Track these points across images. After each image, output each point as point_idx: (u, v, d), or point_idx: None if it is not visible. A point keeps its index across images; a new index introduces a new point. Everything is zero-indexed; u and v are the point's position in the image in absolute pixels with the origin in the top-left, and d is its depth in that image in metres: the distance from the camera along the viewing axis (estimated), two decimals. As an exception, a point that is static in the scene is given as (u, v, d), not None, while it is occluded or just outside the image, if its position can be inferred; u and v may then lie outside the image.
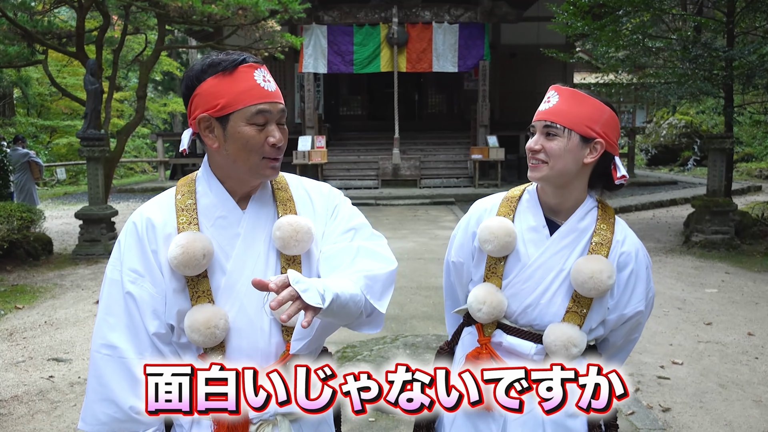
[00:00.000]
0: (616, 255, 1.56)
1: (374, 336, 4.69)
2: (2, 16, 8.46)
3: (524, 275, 1.59)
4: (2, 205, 7.51)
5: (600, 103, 1.53)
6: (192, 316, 1.34)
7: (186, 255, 1.32)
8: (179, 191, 1.45)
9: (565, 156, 1.51)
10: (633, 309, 1.58)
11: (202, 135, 1.38)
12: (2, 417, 3.60)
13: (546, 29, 12.23)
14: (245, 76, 1.34)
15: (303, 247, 1.41)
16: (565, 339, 1.52)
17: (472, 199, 10.28)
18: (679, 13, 10.96)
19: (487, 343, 1.63)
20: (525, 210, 1.65)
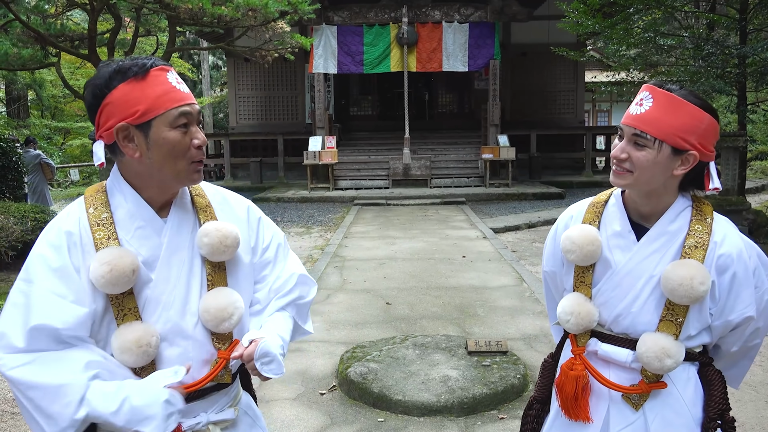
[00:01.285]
0: (714, 258, 1.45)
1: (384, 336, 4.70)
2: (16, 19, 8.55)
3: (612, 283, 1.52)
4: (16, 206, 7.58)
5: (699, 111, 1.41)
6: (121, 336, 1.28)
7: (114, 272, 1.25)
8: (90, 204, 1.35)
9: (652, 168, 1.42)
10: (740, 315, 1.47)
11: (120, 145, 1.30)
12: (15, 416, 3.64)
13: (557, 28, 12.16)
14: (159, 80, 1.30)
15: (230, 253, 1.39)
16: (657, 350, 1.43)
17: (483, 199, 10.32)
18: (691, 10, 10.86)
19: (581, 353, 1.57)
20: (611, 215, 1.57)
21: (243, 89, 19.25)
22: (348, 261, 7.70)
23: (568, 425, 1.60)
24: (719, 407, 1.49)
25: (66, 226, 1.31)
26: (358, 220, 11.29)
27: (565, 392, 1.57)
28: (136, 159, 1.30)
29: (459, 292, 6.10)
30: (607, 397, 1.55)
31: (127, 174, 1.36)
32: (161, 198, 1.38)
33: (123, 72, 1.28)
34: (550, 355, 1.76)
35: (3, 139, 9.19)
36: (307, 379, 4.01)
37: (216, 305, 1.35)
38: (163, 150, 1.29)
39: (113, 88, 1.27)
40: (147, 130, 1.28)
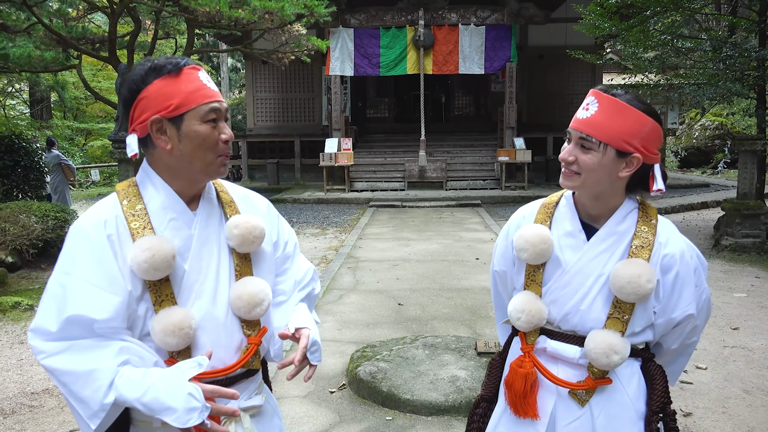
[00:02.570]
0: (659, 258, 1.51)
1: (394, 336, 4.73)
2: (39, 23, 8.73)
3: (562, 281, 1.56)
4: (38, 205, 7.74)
5: (641, 115, 1.46)
6: (163, 320, 1.33)
7: (157, 258, 1.31)
8: (123, 197, 1.41)
9: (598, 170, 1.47)
10: (682, 313, 1.53)
11: (153, 137, 1.37)
12: (34, 409, 3.73)
13: (574, 30, 12.11)
14: (191, 78, 1.37)
15: (257, 244, 1.47)
16: (605, 346, 1.48)
17: (499, 202, 10.29)
18: (711, 12, 10.77)
19: (530, 351, 1.60)
20: (562, 216, 1.62)
21: (261, 91, 19.40)
22: (362, 262, 7.75)
23: (515, 422, 1.63)
24: (661, 401, 1.54)
25: (102, 216, 1.37)
26: (373, 221, 11.34)
27: (514, 390, 1.60)
28: (167, 151, 1.37)
29: (471, 294, 6.12)
30: (555, 394, 1.58)
31: (158, 167, 1.42)
32: (190, 191, 1.44)
33: (158, 69, 1.36)
34: (498, 353, 1.79)
35: (26, 139, 9.40)
36: (318, 377, 4.06)
37: (249, 292, 1.41)
38: (194, 142, 1.36)
39: (149, 83, 1.35)
40: (179, 123, 1.35)
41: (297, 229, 10.56)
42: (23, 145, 9.08)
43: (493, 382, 1.75)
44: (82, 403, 1.27)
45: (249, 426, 1.44)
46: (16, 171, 8.93)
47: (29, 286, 6.70)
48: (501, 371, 1.73)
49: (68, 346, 1.28)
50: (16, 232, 6.61)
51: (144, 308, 1.35)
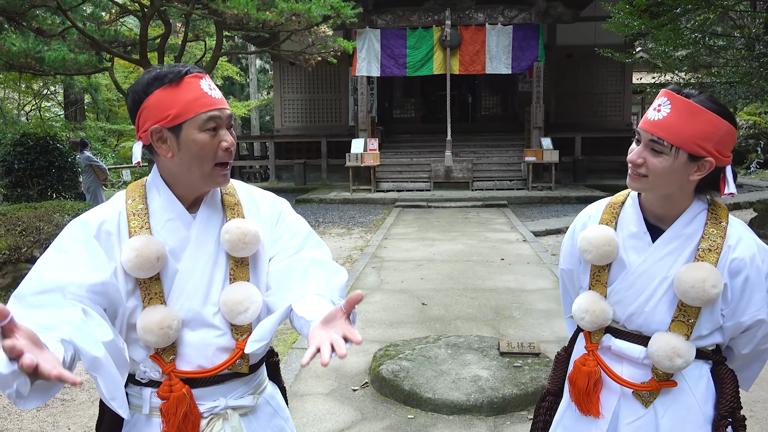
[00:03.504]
0: (727, 261, 1.47)
1: (417, 335, 4.75)
2: (73, 27, 8.95)
3: (627, 282, 1.55)
4: (71, 204, 7.94)
5: (716, 117, 1.40)
6: (145, 317, 1.37)
7: (140, 258, 1.35)
8: (129, 196, 1.47)
9: (668, 174, 1.43)
10: (751, 317, 1.48)
11: (154, 146, 1.40)
12: (66, 402, 3.84)
13: (603, 29, 11.96)
14: (192, 86, 1.38)
15: (250, 249, 1.46)
16: (668, 349, 1.46)
17: (525, 202, 10.25)
18: (745, 9, 10.54)
19: (594, 350, 1.61)
20: (627, 216, 1.60)
21: (288, 92, 19.58)
22: (386, 262, 7.78)
23: (578, 418, 1.64)
24: (731, 405, 1.51)
25: (104, 214, 1.43)
26: (398, 221, 11.37)
27: (577, 387, 1.61)
28: (168, 159, 1.40)
29: (495, 294, 6.10)
30: (618, 393, 1.58)
31: (163, 172, 1.47)
32: (191, 195, 1.48)
33: (160, 79, 1.38)
34: (563, 348, 1.79)
35: (60, 140, 9.65)
36: (341, 375, 4.10)
37: (233, 298, 1.42)
38: (192, 151, 1.38)
39: (150, 93, 1.37)
40: (178, 133, 1.37)
41: (323, 229, 10.64)
42: (57, 146, 9.32)
43: (558, 376, 1.76)
44: None
45: (237, 425, 1.46)
46: (51, 171, 9.16)
47: (62, 283, 6.88)
48: (566, 366, 1.74)
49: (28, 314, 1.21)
50: (50, 230, 6.78)
51: (133, 304, 1.39)
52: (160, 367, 1.40)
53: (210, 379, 1.43)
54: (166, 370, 1.39)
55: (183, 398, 1.38)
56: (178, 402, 1.38)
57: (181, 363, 1.41)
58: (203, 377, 1.42)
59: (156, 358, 1.39)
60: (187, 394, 1.39)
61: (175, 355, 1.41)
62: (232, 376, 1.47)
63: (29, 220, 6.70)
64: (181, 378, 1.40)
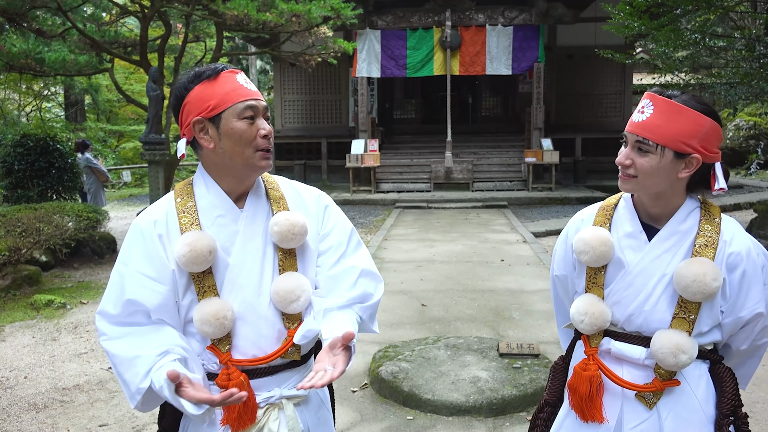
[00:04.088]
0: (724, 256, 1.49)
1: (417, 337, 4.75)
2: (73, 28, 8.95)
3: (625, 282, 1.55)
4: (71, 205, 7.95)
5: (698, 115, 1.44)
6: (201, 309, 1.45)
7: (193, 252, 1.42)
8: (178, 195, 1.55)
9: (656, 173, 1.46)
10: (750, 311, 1.50)
11: (197, 138, 1.49)
12: (65, 404, 3.84)
13: (603, 30, 11.96)
14: (228, 80, 1.48)
15: (298, 240, 1.52)
16: (672, 346, 1.46)
17: (525, 203, 10.25)
18: (745, 10, 10.54)
19: (594, 354, 1.60)
20: (621, 217, 1.61)
21: (288, 93, 19.58)
22: (386, 263, 7.78)
23: (580, 426, 1.62)
24: (732, 403, 1.51)
25: (154, 215, 1.51)
26: (398, 222, 11.37)
27: (578, 393, 1.59)
28: (211, 149, 1.48)
29: (495, 295, 6.10)
30: (621, 396, 1.57)
31: (208, 167, 1.54)
32: (238, 188, 1.54)
33: (198, 75, 1.48)
34: (561, 357, 1.77)
35: (60, 141, 9.65)
36: (341, 377, 4.09)
37: (285, 287, 1.48)
38: (232, 139, 1.45)
39: (191, 89, 1.48)
40: (218, 122, 1.46)
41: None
42: (58, 147, 9.32)
43: (556, 386, 1.75)
44: (124, 384, 1.42)
45: (291, 414, 1.52)
46: (51, 172, 9.17)
47: (62, 284, 6.88)
48: (564, 375, 1.73)
49: (126, 333, 1.44)
50: (50, 231, 6.79)
51: (189, 298, 1.47)
52: (217, 357, 1.46)
53: (265, 370, 1.51)
54: (223, 360, 1.46)
55: (241, 385, 1.43)
56: (237, 389, 1.42)
57: (237, 353, 1.48)
58: (259, 366, 1.49)
59: (213, 348, 1.47)
60: (245, 382, 1.45)
61: (231, 345, 1.48)
62: (285, 366, 1.53)
63: (29, 222, 6.70)
64: (237, 367, 1.46)
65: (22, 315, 5.71)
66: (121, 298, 1.45)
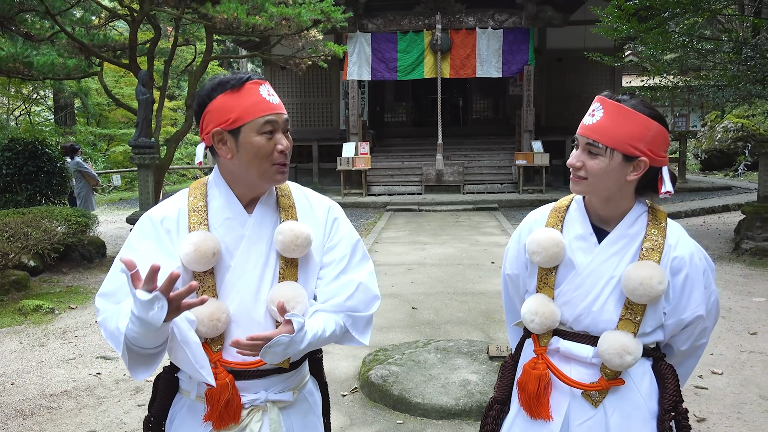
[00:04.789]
0: (669, 260, 1.54)
1: (407, 340, 4.75)
2: (61, 31, 8.91)
3: (575, 283, 1.59)
4: (59, 210, 7.90)
5: (646, 119, 1.49)
6: (198, 309, 1.43)
7: (198, 253, 1.44)
8: (192, 194, 1.57)
9: (606, 175, 1.50)
10: (692, 314, 1.55)
11: (216, 147, 1.50)
12: (52, 410, 3.81)
13: (592, 33, 12.02)
14: (252, 92, 1.47)
15: (301, 251, 1.52)
16: (618, 347, 1.50)
17: (516, 205, 10.29)
18: (733, 13, 10.64)
19: (543, 353, 1.63)
20: (573, 219, 1.65)
21: (279, 96, 19.48)
22: (377, 266, 7.78)
23: (529, 424, 1.65)
24: (673, 399, 1.56)
25: (167, 210, 1.54)
26: (389, 225, 11.37)
27: (527, 391, 1.62)
28: (228, 160, 1.50)
29: (485, 298, 6.11)
30: (568, 395, 1.60)
31: (223, 172, 1.56)
32: (250, 194, 1.56)
33: (223, 84, 1.48)
34: (510, 356, 1.81)
35: (49, 145, 9.59)
36: (330, 380, 4.05)
37: (282, 296, 1.47)
38: (250, 153, 1.46)
39: (213, 98, 1.48)
40: (237, 135, 1.46)
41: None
42: (46, 151, 9.26)
43: (505, 384, 1.77)
44: (113, 338, 1.41)
45: (275, 417, 1.53)
46: (39, 176, 9.10)
47: (50, 289, 6.83)
48: (513, 373, 1.75)
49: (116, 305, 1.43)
50: (38, 236, 6.74)
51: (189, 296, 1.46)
52: (208, 356, 1.46)
53: (252, 372, 1.51)
54: (213, 359, 1.46)
55: (226, 386, 1.45)
56: (221, 389, 1.45)
57: (227, 354, 1.49)
58: (246, 369, 1.50)
59: (205, 346, 1.46)
60: (230, 383, 1.45)
61: (222, 346, 1.49)
62: (273, 371, 1.54)
63: (17, 226, 6.65)
64: (225, 368, 1.47)
65: (10, 320, 5.66)
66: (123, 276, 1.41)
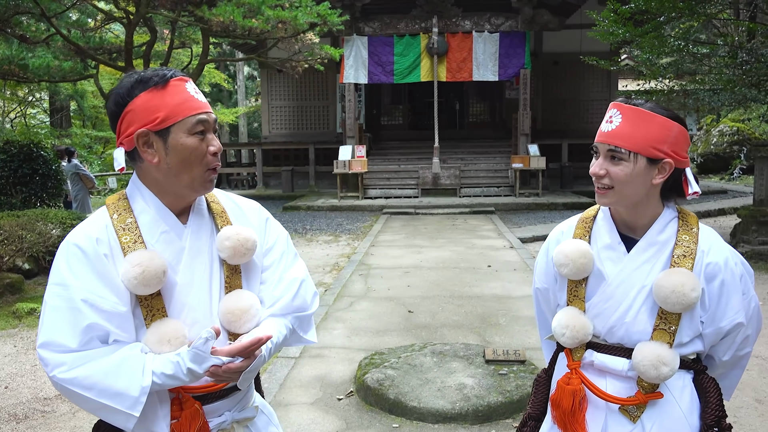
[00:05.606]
0: (702, 266, 1.48)
1: (403, 344, 4.74)
2: (57, 34, 8.89)
3: (605, 294, 1.54)
4: (55, 212, 7.87)
5: (666, 120, 1.45)
6: (159, 330, 1.33)
7: (146, 274, 1.30)
8: (113, 211, 1.40)
9: (632, 181, 1.46)
10: (730, 321, 1.49)
11: (140, 151, 1.36)
12: (46, 414, 3.79)
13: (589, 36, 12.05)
14: (178, 89, 1.35)
15: (249, 256, 1.45)
16: (653, 358, 1.44)
17: (513, 209, 10.31)
18: (728, 18, 10.67)
19: (577, 367, 1.58)
20: (600, 229, 1.60)
21: (276, 99, 19.55)
22: (373, 269, 7.76)
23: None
24: (716, 414, 1.50)
25: (94, 232, 1.35)
26: (386, 228, 11.36)
27: (562, 408, 1.57)
28: (154, 165, 1.36)
29: (482, 301, 6.10)
30: (605, 409, 1.55)
31: (146, 181, 1.41)
32: (179, 205, 1.43)
33: (144, 82, 1.34)
34: (543, 370, 1.76)
35: (44, 148, 9.55)
36: (326, 384, 4.07)
37: (240, 306, 1.40)
38: (181, 155, 1.34)
39: (134, 96, 1.34)
40: (166, 136, 1.34)
41: (310, 236, 10.60)
42: (42, 153, 9.23)
43: (539, 399, 1.72)
44: (118, 397, 1.25)
45: None
46: (35, 179, 9.07)
47: (44, 292, 6.79)
48: (547, 389, 1.71)
49: (92, 356, 1.27)
50: (32, 239, 6.71)
51: (136, 323, 1.35)
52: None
53: (216, 395, 1.42)
54: (174, 390, 1.35)
55: (196, 414, 1.35)
56: (191, 419, 1.35)
57: None
58: (210, 393, 1.41)
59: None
60: (200, 410, 1.36)
61: None
62: (234, 388, 1.45)
63: (11, 229, 6.62)
64: (191, 395, 1.37)
65: (4, 324, 5.63)
66: (78, 325, 1.27)
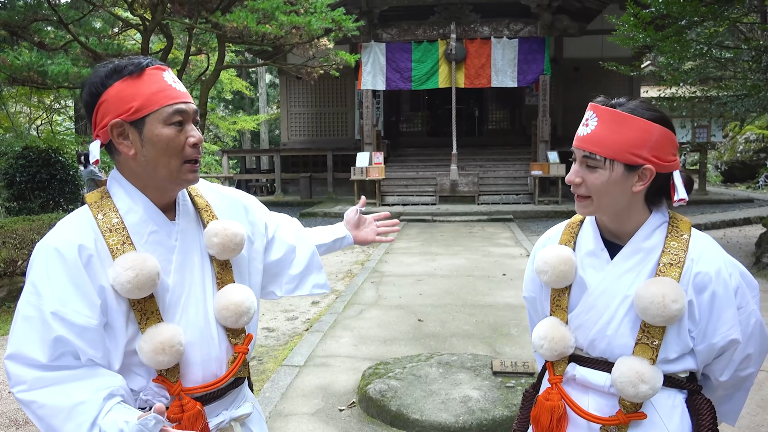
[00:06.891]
0: (691, 276, 1.35)
1: (410, 353, 4.63)
2: (75, 40, 8.99)
3: (587, 304, 1.43)
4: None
5: (645, 123, 1.33)
6: (154, 337, 1.27)
7: (140, 277, 1.24)
8: (98, 211, 1.32)
9: (609, 189, 1.35)
10: (723, 338, 1.35)
11: (115, 143, 1.30)
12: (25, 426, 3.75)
13: (610, 42, 11.86)
14: (155, 78, 1.29)
15: (238, 250, 1.41)
16: (632, 375, 1.33)
17: (531, 216, 10.13)
18: (753, 21, 10.41)
19: (558, 382, 1.47)
20: (585, 234, 1.50)
21: (294, 106, 19.61)
22: (386, 276, 7.67)
23: None
24: None
25: (76, 237, 1.27)
26: (401, 235, 11.26)
27: (540, 424, 1.46)
28: (131, 157, 1.30)
29: (494, 311, 5.97)
30: (586, 429, 1.44)
31: (126, 175, 1.35)
32: (163, 200, 1.37)
33: (119, 71, 1.28)
34: (532, 385, 1.66)
35: (63, 153, 9.66)
36: (329, 394, 3.98)
37: (235, 301, 1.37)
38: (157, 147, 1.28)
39: (109, 86, 1.28)
40: (141, 127, 1.28)
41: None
42: (60, 159, 9.34)
43: (525, 415, 1.62)
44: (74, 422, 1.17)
45: None
46: (53, 184, 9.18)
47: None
48: (532, 403, 1.60)
49: (56, 379, 1.20)
50: (46, 243, 6.75)
51: (132, 329, 1.29)
52: (167, 389, 1.30)
53: (214, 394, 1.39)
54: (174, 391, 1.30)
55: (199, 415, 1.31)
56: (193, 420, 1.30)
57: (187, 381, 1.33)
58: (209, 392, 1.37)
59: (162, 380, 1.30)
60: (201, 410, 1.32)
61: (179, 373, 1.32)
62: (230, 386, 1.43)
63: (25, 233, 6.65)
64: (191, 396, 1.33)
65: (14, 328, 5.64)
66: (47, 337, 1.20)
